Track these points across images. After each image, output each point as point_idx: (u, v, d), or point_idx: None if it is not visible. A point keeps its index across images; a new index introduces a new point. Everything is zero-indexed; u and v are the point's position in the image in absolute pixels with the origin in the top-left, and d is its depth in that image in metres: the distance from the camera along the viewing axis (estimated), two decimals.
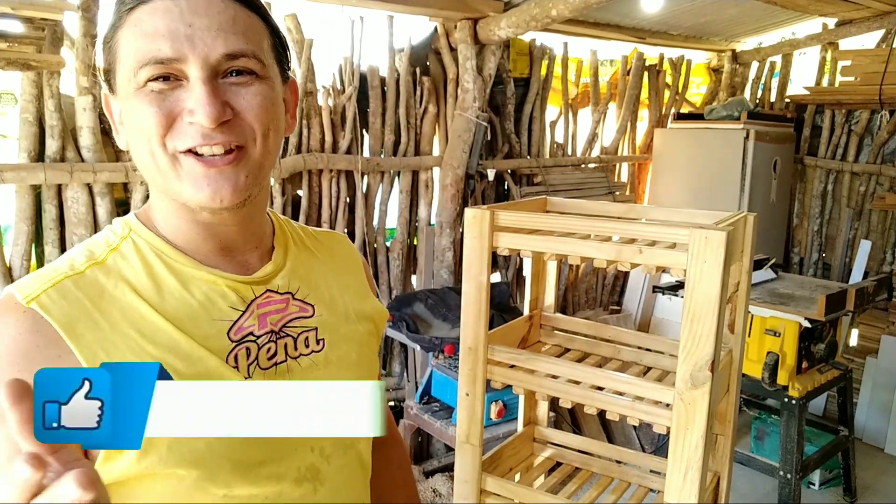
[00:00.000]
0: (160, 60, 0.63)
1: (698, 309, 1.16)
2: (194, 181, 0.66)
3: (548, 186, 3.62)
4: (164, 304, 0.68)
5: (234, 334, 0.70)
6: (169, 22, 0.63)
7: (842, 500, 3.11)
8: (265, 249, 0.78)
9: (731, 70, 4.54)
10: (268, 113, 0.68)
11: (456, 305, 2.81)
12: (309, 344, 0.76)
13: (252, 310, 0.72)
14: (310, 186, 2.83)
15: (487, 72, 3.17)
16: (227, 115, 0.65)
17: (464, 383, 1.47)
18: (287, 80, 0.75)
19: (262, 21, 0.70)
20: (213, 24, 0.64)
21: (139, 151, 0.67)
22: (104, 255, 0.70)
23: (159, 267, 0.70)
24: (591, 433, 3.20)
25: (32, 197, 2.18)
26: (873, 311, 3.78)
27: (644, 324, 4.02)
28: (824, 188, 4.34)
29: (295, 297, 0.77)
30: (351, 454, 0.79)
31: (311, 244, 0.86)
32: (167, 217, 0.72)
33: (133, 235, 0.72)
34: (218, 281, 0.71)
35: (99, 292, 0.67)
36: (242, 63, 0.66)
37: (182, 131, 0.64)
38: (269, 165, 0.71)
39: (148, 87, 0.64)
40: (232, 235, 0.74)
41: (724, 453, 1.50)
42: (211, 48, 0.64)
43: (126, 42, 0.65)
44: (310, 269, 0.82)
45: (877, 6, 3.64)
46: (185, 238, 0.72)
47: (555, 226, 1.36)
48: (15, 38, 2.05)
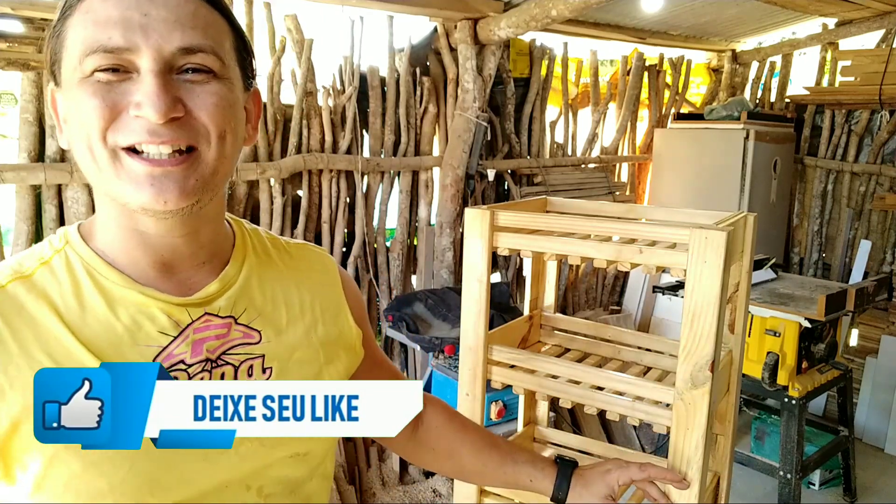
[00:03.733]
0: (109, 49, 0.58)
1: (698, 309, 1.16)
2: (135, 181, 0.60)
3: (548, 186, 3.62)
4: (85, 328, 0.62)
5: (161, 362, 0.63)
6: (123, 10, 0.58)
7: (842, 500, 3.10)
8: (217, 265, 0.71)
9: (731, 70, 4.54)
10: (224, 114, 0.62)
11: (456, 305, 2.81)
12: (253, 373, 0.68)
13: (187, 335, 0.65)
14: (310, 186, 2.83)
15: (487, 72, 3.17)
16: (177, 112, 0.59)
17: (464, 383, 1.47)
18: (250, 87, 0.70)
19: (225, 20, 0.65)
20: (171, 16, 0.59)
21: (78, 147, 0.61)
22: (32, 269, 0.65)
23: (88, 285, 0.64)
24: (591, 433, 3.20)
25: (32, 197, 2.18)
26: (873, 311, 3.77)
27: (644, 324, 4.02)
28: (824, 188, 4.34)
29: (238, 321, 0.69)
30: (297, 497, 0.71)
31: (279, 257, 0.79)
32: (107, 225, 0.66)
33: (68, 249, 0.67)
34: (149, 302, 0.65)
35: (17, 310, 0.61)
36: (199, 59, 0.61)
37: (126, 125, 0.59)
38: (223, 172, 0.65)
39: (94, 78, 0.59)
40: (177, 248, 0.67)
41: (724, 453, 1.50)
42: (166, 40, 0.59)
43: (75, 30, 0.60)
44: (268, 287, 0.74)
45: (877, 6, 3.64)
46: (122, 250, 0.66)
47: (555, 226, 1.36)
48: (15, 38, 2.05)
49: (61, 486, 0.58)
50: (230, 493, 0.66)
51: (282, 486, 0.70)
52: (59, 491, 0.58)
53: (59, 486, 0.58)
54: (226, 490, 0.65)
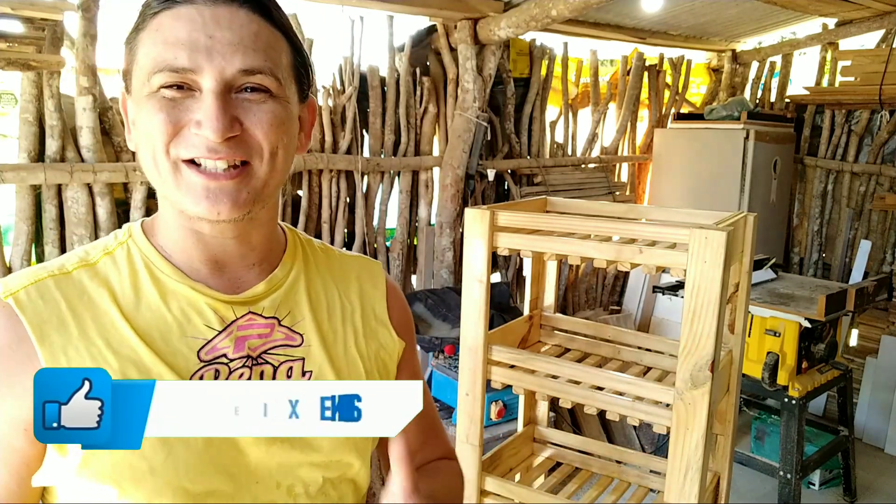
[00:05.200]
0: (175, 69, 0.63)
1: (698, 309, 1.16)
2: (193, 193, 0.65)
3: (548, 186, 3.62)
4: (138, 316, 0.67)
5: (205, 354, 0.68)
6: (190, 31, 0.63)
7: (842, 500, 3.11)
8: (267, 268, 0.75)
9: (731, 70, 4.54)
10: (277, 132, 0.66)
11: (456, 305, 2.81)
12: (292, 374, 0.72)
13: (230, 331, 0.70)
14: (310, 186, 2.83)
15: (487, 72, 3.17)
16: (234, 131, 0.64)
17: (464, 383, 1.48)
18: (306, 99, 0.74)
19: (284, 39, 0.69)
20: (235, 38, 0.64)
21: (144, 155, 0.67)
22: (97, 258, 0.70)
23: (145, 277, 0.69)
24: (591, 433, 3.20)
25: (32, 197, 2.18)
26: (873, 311, 3.78)
27: (644, 324, 4.02)
28: (824, 188, 4.34)
29: (281, 322, 0.73)
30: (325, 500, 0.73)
31: (328, 266, 0.82)
32: (167, 223, 0.71)
33: (130, 242, 0.72)
34: (198, 297, 0.69)
35: (79, 294, 0.67)
36: (258, 80, 0.65)
37: (187, 140, 0.64)
38: (274, 184, 0.69)
39: (160, 94, 0.64)
40: (228, 249, 0.72)
41: (724, 453, 1.50)
42: (228, 62, 0.63)
43: (145, 46, 0.65)
44: (314, 293, 0.78)
45: (877, 6, 3.64)
46: (178, 247, 0.71)
47: (555, 226, 1.37)
48: (15, 38, 2.05)
49: (108, 465, 0.62)
50: (261, 489, 0.68)
51: (311, 488, 0.71)
52: (105, 469, 0.62)
53: (105, 465, 0.62)
54: (256, 485, 0.68)
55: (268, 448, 0.68)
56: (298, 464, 0.70)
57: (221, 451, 0.66)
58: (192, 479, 0.64)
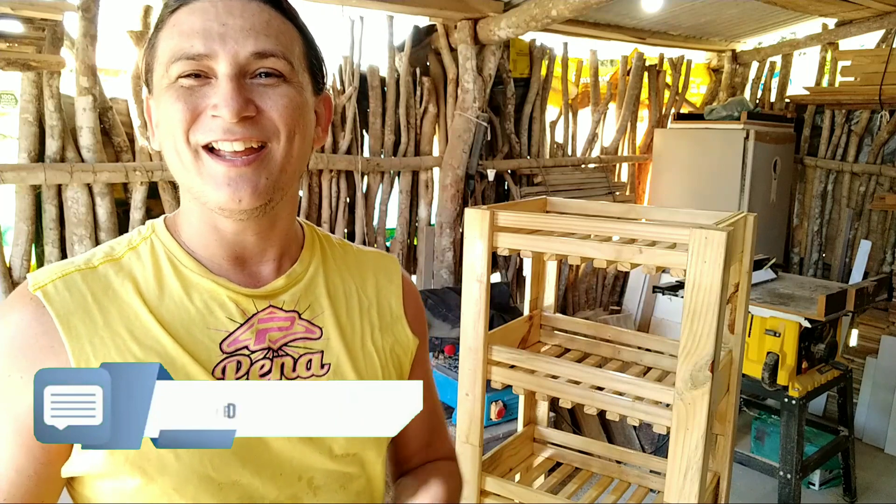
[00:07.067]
0: (191, 56, 0.65)
1: (698, 309, 1.16)
2: (214, 181, 0.66)
3: (548, 186, 3.62)
4: (162, 308, 0.69)
5: (226, 346, 0.69)
6: (205, 21, 0.66)
7: (842, 500, 3.11)
8: (286, 262, 0.77)
9: (731, 70, 4.54)
10: (293, 114, 0.68)
11: (456, 305, 2.81)
12: (311, 367, 0.74)
13: (252, 323, 0.71)
14: (310, 186, 2.83)
15: (487, 72, 3.17)
16: (250, 111, 0.65)
17: (464, 383, 1.48)
18: (321, 92, 0.76)
19: (296, 30, 0.72)
20: (247, 25, 0.66)
21: (167, 148, 0.68)
22: (122, 253, 0.72)
23: (168, 271, 0.71)
24: (591, 433, 3.20)
25: (32, 197, 2.18)
26: (873, 312, 3.78)
27: (644, 324, 4.02)
28: (824, 188, 4.34)
29: (301, 316, 0.75)
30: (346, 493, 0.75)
31: (345, 261, 0.83)
32: (189, 219, 0.73)
33: (153, 237, 0.74)
34: (220, 291, 0.71)
35: (104, 288, 0.68)
36: (271, 63, 0.67)
37: (205, 125, 0.65)
38: (292, 171, 0.70)
39: (178, 83, 0.66)
40: (249, 245, 0.73)
41: (724, 453, 1.50)
42: (241, 46, 0.65)
43: (164, 41, 0.67)
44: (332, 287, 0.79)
45: (877, 6, 3.64)
46: (201, 242, 0.73)
47: (555, 226, 1.37)
48: (15, 38, 2.05)
49: (133, 453, 0.63)
50: (283, 480, 0.70)
51: (331, 481, 0.73)
52: (130, 456, 0.63)
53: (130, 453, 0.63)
54: (280, 477, 0.70)
55: (289, 441, 0.69)
56: (318, 457, 0.72)
57: (246, 443, 0.67)
58: (217, 469, 0.66)
